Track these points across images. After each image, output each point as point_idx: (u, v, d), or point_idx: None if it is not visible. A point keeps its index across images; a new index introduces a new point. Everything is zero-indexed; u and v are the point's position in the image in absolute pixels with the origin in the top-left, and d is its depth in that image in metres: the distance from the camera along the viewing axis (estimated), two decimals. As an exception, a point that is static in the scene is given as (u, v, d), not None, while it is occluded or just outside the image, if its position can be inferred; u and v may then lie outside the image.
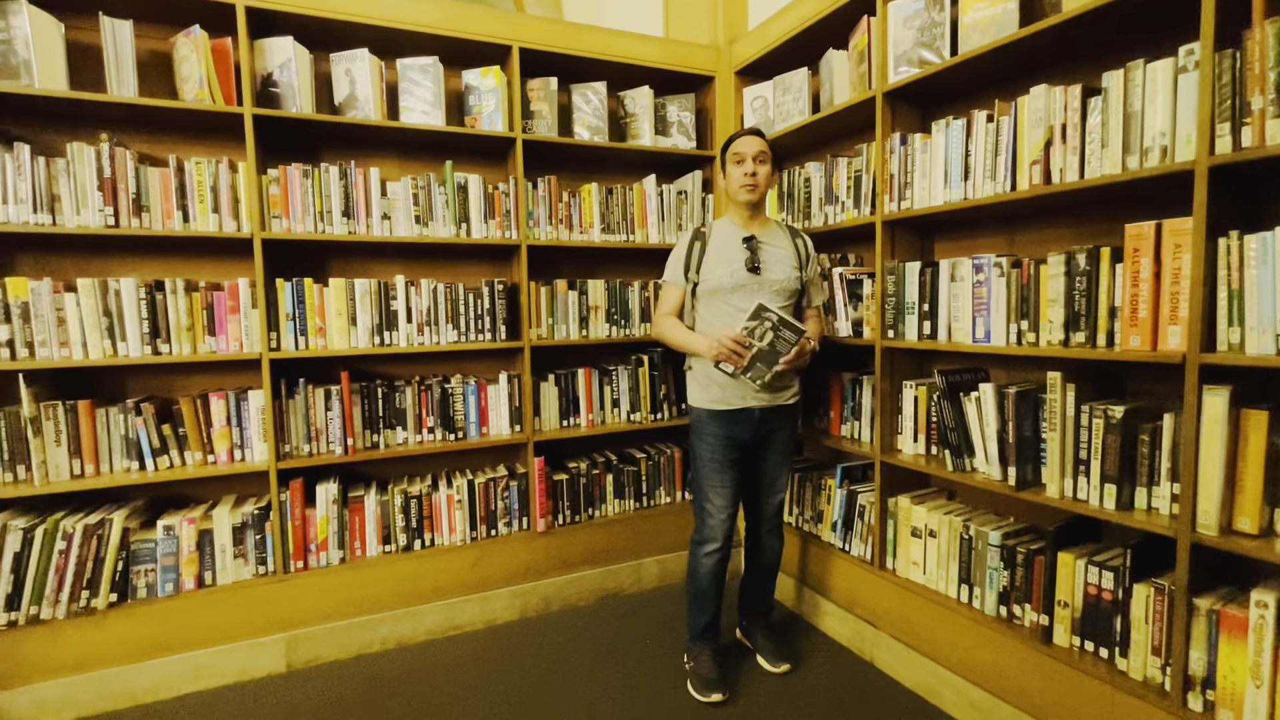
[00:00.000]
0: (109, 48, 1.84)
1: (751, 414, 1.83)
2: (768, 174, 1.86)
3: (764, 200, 1.91)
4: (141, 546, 1.91)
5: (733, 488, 1.86)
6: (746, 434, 1.85)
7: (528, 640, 2.21)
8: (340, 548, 2.14)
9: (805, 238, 1.95)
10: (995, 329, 1.64)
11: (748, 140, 1.85)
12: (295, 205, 2.06)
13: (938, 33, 1.79)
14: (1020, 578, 1.62)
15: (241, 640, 2.00)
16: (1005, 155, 1.59)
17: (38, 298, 1.80)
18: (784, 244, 1.90)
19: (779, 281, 1.84)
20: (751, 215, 1.89)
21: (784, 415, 1.90)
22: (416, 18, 2.14)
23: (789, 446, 1.95)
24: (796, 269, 1.88)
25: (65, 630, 1.82)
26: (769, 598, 2.09)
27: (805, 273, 1.91)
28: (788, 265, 1.86)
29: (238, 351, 2.01)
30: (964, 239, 1.96)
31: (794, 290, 1.87)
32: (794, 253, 1.90)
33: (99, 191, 1.84)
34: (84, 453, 1.87)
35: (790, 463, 1.98)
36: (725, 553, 1.88)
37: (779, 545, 2.03)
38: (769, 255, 1.85)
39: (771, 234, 1.90)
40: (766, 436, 1.88)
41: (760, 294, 1.80)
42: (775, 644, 2.04)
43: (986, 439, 1.67)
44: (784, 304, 1.85)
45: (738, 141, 1.86)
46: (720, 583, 1.91)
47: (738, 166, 1.85)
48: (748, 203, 1.86)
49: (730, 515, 1.87)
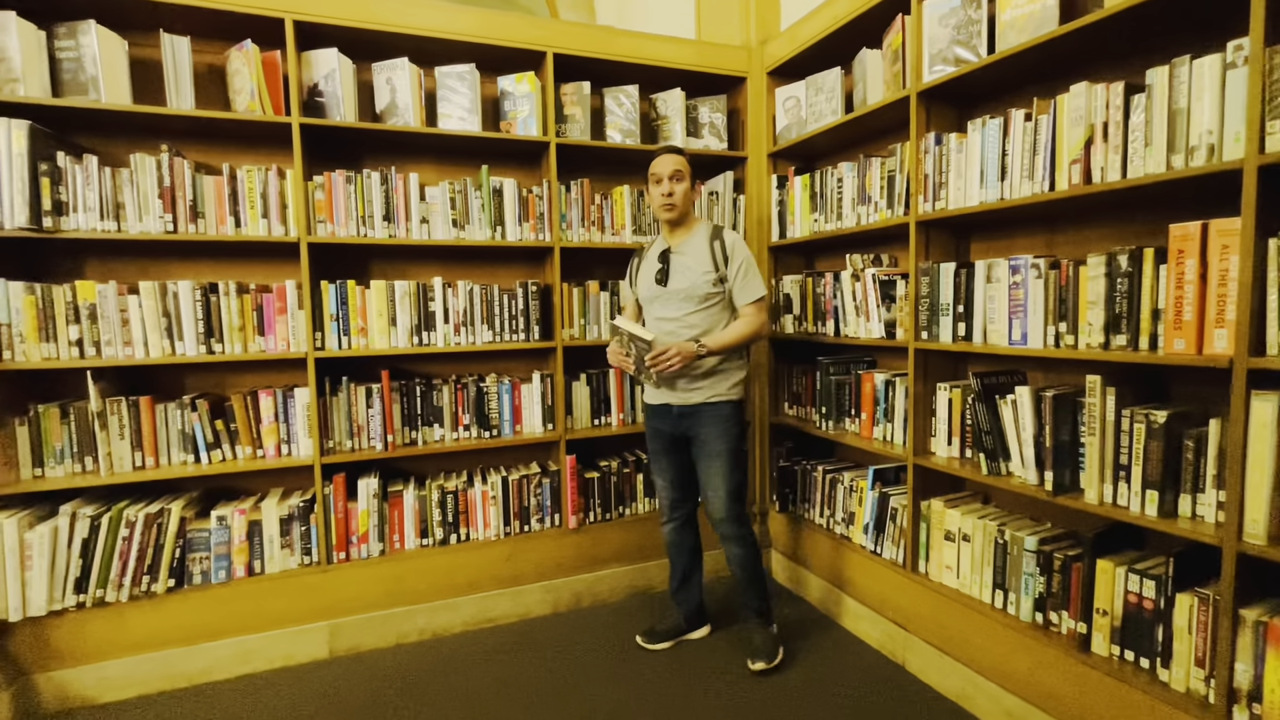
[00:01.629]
0: (169, 63, 1.95)
1: (670, 409, 2.00)
2: (686, 190, 1.94)
3: (686, 215, 1.98)
4: (197, 535, 2.02)
5: (670, 471, 2.09)
6: (667, 427, 2.03)
7: (560, 634, 2.26)
8: (380, 540, 2.22)
9: (727, 238, 1.95)
10: (1032, 331, 1.61)
11: (663, 160, 1.94)
12: (339, 210, 2.14)
13: (974, 30, 1.77)
14: (1057, 584, 1.59)
15: (287, 627, 2.10)
16: (1044, 154, 1.57)
17: (104, 300, 1.91)
18: (698, 250, 1.95)
19: (683, 290, 1.93)
20: (673, 230, 2.01)
21: (704, 416, 1.95)
22: (454, 26, 2.20)
23: (717, 448, 1.95)
24: (708, 272, 1.92)
25: (127, 613, 1.93)
26: (752, 599, 2.07)
27: (726, 271, 1.93)
28: (695, 272, 1.93)
29: (285, 350, 2.10)
30: (999, 240, 1.92)
31: (706, 295, 1.92)
32: (708, 257, 1.94)
33: (159, 199, 1.95)
34: (144, 446, 1.99)
35: (725, 466, 1.95)
36: (676, 524, 2.14)
37: (737, 551, 2.01)
38: (677, 265, 1.96)
39: (689, 243, 1.98)
40: (690, 434, 2.00)
41: (670, 303, 1.96)
42: (755, 642, 2.03)
43: (1023, 443, 1.65)
44: (693, 309, 1.93)
45: (654, 162, 1.96)
46: (679, 551, 2.15)
47: (656, 186, 1.95)
48: (668, 221, 1.99)
49: (670, 496, 2.11)
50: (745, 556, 2.02)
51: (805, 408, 2.55)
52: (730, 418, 1.97)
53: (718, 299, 1.94)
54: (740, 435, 2.00)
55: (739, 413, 2.00)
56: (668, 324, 1.96)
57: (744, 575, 2.04)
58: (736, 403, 1.99)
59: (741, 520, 2.01)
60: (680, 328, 1.94)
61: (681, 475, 2.09)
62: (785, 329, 2.59)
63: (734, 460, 1.97)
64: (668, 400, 2.00)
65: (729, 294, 1.96)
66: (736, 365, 2.00)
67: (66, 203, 1.86)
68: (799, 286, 2.48)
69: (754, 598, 2.06)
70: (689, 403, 1.96)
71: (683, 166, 1.93)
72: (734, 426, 1.97)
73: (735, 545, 2.01)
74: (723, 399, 1.96)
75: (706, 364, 1.94)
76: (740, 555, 2.02)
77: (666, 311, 1.97)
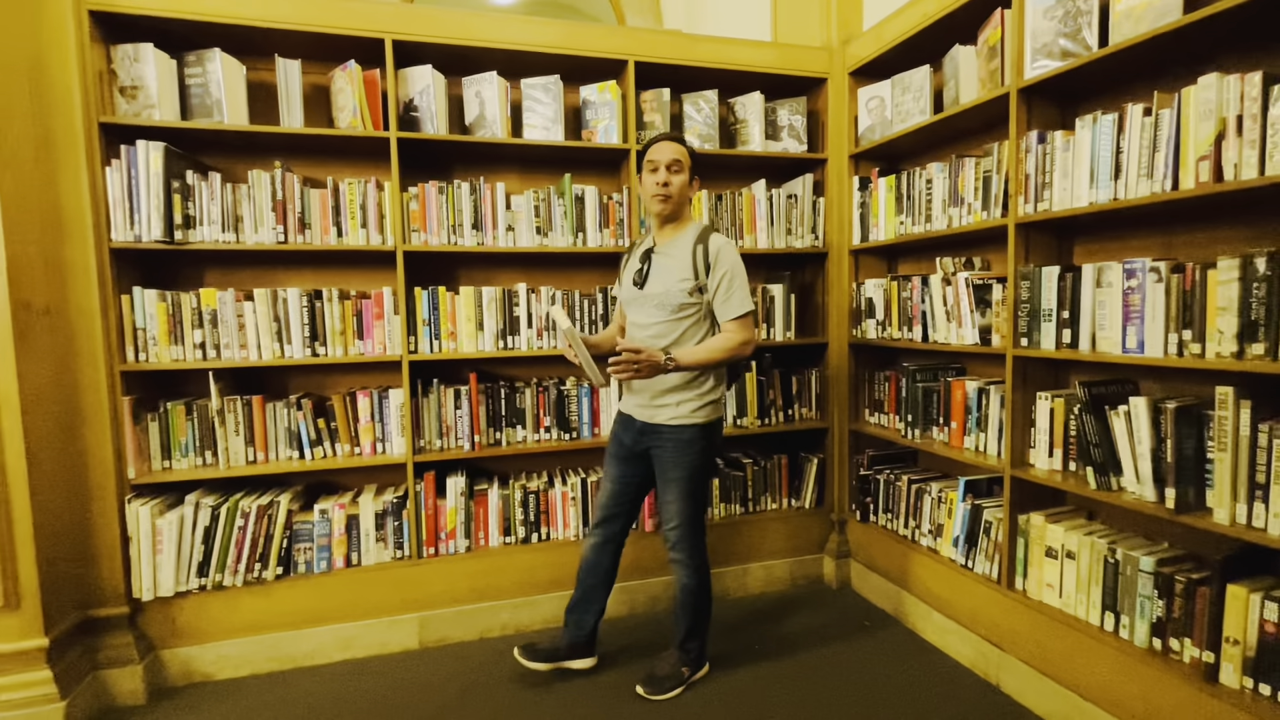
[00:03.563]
0: (281, 84, 2.08)
1: (634, 421, 1.89)
2: (683, 183, 1.78)
3: (679, 211, 1.82)
4: (302, 527, 2.15)
5: (614, 484, 1.94)
6: (628, 438, 1.90)
7: (638, 636, 2.28)
8: (466, 537, 2.30)
9: (712, 243, 1.76)
10: (1150, 339, 1.52)
11: (662, 147, 1.77)
12: (431, 219, 2.24)
13: (1084, 22, 1.68)
14: (1179, 608, 1.49)
15: (381, 617, 2.20)
16: (1165, 151, 1.47)
17: (223, 306, 2.06)
18: (681, 253, 1.78)
19: (657, 295, 1.78)
20: (663, 225, 1.85)
21: (665, 436, 1.81)
22: (540, 39, 2.26)
23: (674, 475, 1.81)
24: (686, 280, 1.75)
25: (241, 597, 2.08)
26: (681, 630, 1.92)
27: (706, 281, 1.75)
28: (672, 278, 1.77)
29: (381, 354, 2.21)
30: (1108, 242, 1.82)
31: (680, 304, 1.76)
32: (688, 262, 1.76)
33: (272, 212, 2.09)
34: (256, 441, 2.13)
35: (679, 493, 1.82)
36: (597, 540, 1.96)
37: (684, 580, 1.87)
38: (658, 267, 1.81)
39: (674, 243, 1.81)
40: (649, 451, 1.86)
41: (644, 308, 1.82)
42: (658, 669, 1.93)
43: (1138, 456, 1.55)
44: (665, 318, 1.78)
45: (652, 148, 1.78)
46: (591, 570, 1.96)
47: (651, 174, 1.78)
48: (659, 214, 1.81)
49: (605, 510, 1.95)
50: (690, 587, 1.88)
51: (888, 415, 2.48)
52: (692, 443, 1.80)
53: (694, 310, 1.78)
54: (702, 463, 1.83)
55: (704, 437, 1.82)
56: (639, 331, 1.83)
57: (682, 604, 1.90)
58: (702, 426, 1.81)
59: (694, 550, 1.86)
60: (650, 337, 1.79)
61: (624, 492, 1.94)
62: (867, 334, 2.53)
63: (690, 487, 1.82)
64: (632, 411, 1.88)
65: (708, 306, 1.80)
66: (709, 386, 1.82)
67: (194, 216, 2.02)
68: (883, 291, 2.42)
69: (684, 630, 1.92)
70: (651, 421, 1.83)
71: (682, 157, 1.77)
72: (694, 454, 1.80)
73: (683, 572, 1.87)
74: (685, 422, 1.79)
75: (671, 380, 1.78)
76: (686, 585, 1.88)
77: (639, 317, 1.83)
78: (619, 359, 1.64)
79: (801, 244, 2.61)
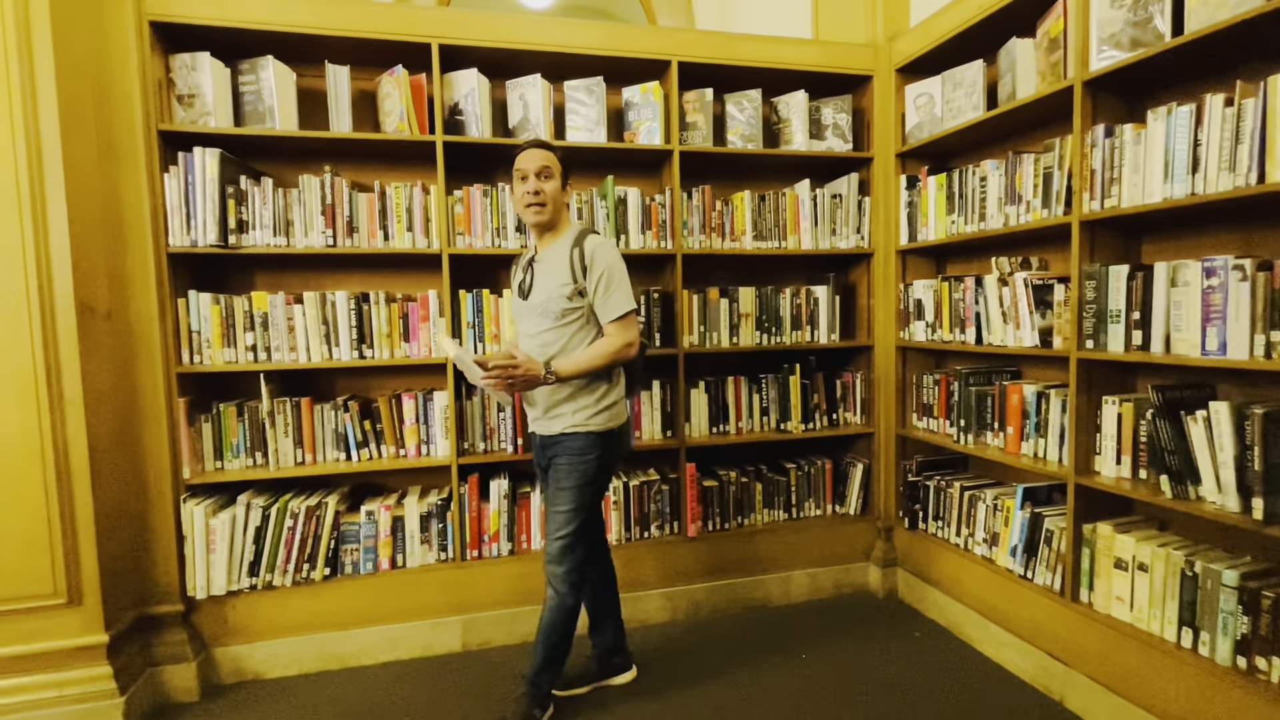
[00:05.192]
0: (331, 90, 2.11)
1: (535, 436, 1.84)
2: (555, 189, 1.73)
3: (555, 217, 1.75)
4: (348, 528, 2.17)
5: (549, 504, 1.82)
6: (541, 457, 1.84)
7: (681, 642, 2.25)
8: (509, 540, 2.30)
9: (588, 244, 1.70)
10: (1233, 340, 1.44)
11: (530, 154, 1.71)
12: (475, 222, 2.25)
13: (1155, 10, 1.61)
14: (1266, 625, 1.41)
15: (426, 619, 2.21)
16: (1249, 143, 1.40)
17: (274, 309, 2.09)
18: (559, 259, 1.72)
19: (540, 304, 1.73)
20: (542, 234, 1.79)
21: (561, 447, 1.74)
22: (583, 41, 2.25)
23: (563, 484, 1.73)
24: (565, 284, 1.69)
25: (290, 596, 2.10)
26: (535, 662, 1.78)
27: (585, 283, 1.69)
28: (553, 283, 1.71)
29: (426, 356, 2.22)
30: (1182, 240, 1.74)
31: (563, 309, 1.70)
32: (566, 266, 1.70)
33: (321, 216, 2.11)
34: (305, 443, 2.15)
35: (562, 505, 1.72)
36: None
37: (558, 596, 1.74)
38: (539, 275, 1.76)
39: (552, 250, 1.76)
40: (550, 464, 1.79)
41: (529, 318, 1.76)
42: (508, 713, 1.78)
43: (1219, 464, 1.48)
44: (549, 326, 1.72)
45: (520, 156, 1.73)
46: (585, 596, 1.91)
47: (521, 183, 1.72)
48: (535, 224, 1.75)
49: None
50: (562, 607, 1.75)
51: (937, 420, 2.42)
52: (583, 451, 1.72)
53: (577, 315, 1.71)
54: (594, 473, 1.73)
55: (597, 446, 1.73)
56: (527, 340, 1.77)
57: (550, 625, 1.75)
58: (596, 435, 1.73)
59: (575, 567, 1.74)
60: (539, 345, 1.73)
61: None
62: (915, 337, 2.46)
63: (576, 500, 1.72)
64: (534, 428, 1.82)
65: (590, 309, 1.73)
66: (601, 391, 1.75)
67: (247, 221, 2.05)
68: (933, 292, 2.36)
69: (541, 658, 1.77)
70: (549, 433, 1.77)
71: (551, 162, 1.71)
72: (588, 463, 1.72)
73: (562, 588, 1.74)
74: (578, 430, 1.72)
75: (563, 390, 1.72)
76: (559, 604, 1.75)
77: (527, 326, 1.77)
78: (489, 373, 1.61)
79: (846, 245, 2.56)
